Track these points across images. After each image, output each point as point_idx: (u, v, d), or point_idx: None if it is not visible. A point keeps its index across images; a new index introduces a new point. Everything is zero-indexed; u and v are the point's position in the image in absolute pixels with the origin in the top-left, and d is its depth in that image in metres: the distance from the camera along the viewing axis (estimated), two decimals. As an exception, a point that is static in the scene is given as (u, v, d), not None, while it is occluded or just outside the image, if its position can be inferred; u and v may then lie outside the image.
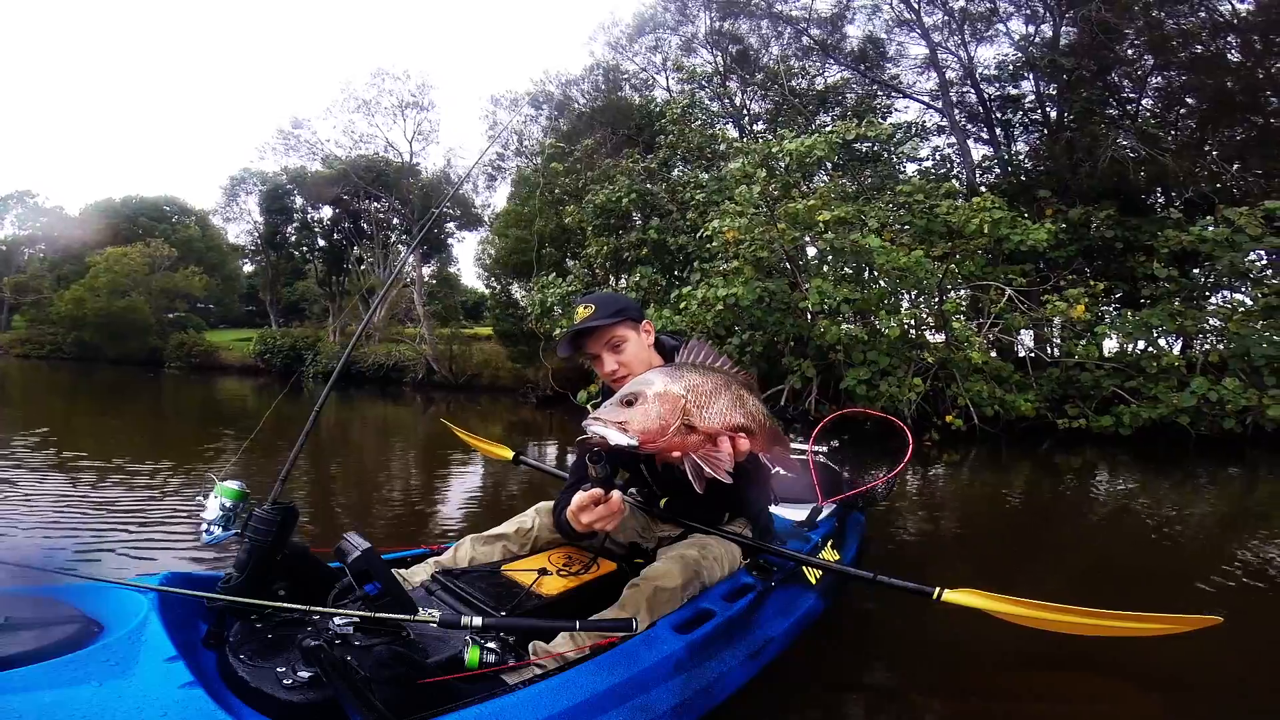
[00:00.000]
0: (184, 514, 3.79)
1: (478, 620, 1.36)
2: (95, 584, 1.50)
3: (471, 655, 1.36)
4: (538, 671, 1.40)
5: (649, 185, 10.67)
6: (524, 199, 13.78)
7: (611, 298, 1.84)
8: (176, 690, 1.13)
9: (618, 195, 10.16)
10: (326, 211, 23.36)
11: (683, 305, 7.88)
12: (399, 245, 22.59)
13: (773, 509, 2.26)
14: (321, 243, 24.19)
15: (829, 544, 2.41)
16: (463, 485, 5.39)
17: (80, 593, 1.46)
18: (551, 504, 2.00)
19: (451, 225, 21.90)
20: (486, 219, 20.36)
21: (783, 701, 1.84)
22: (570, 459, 3.14)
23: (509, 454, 3.23)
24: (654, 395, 1.24)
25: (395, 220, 21.73)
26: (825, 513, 2.63)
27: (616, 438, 1.21)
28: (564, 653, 1.49)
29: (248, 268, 33.41)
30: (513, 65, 54.36)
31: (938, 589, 1.82)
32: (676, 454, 1.28)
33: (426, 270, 22.04)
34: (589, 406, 1.99)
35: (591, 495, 1.43)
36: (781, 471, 1.50)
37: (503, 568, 1.85)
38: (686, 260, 9.70)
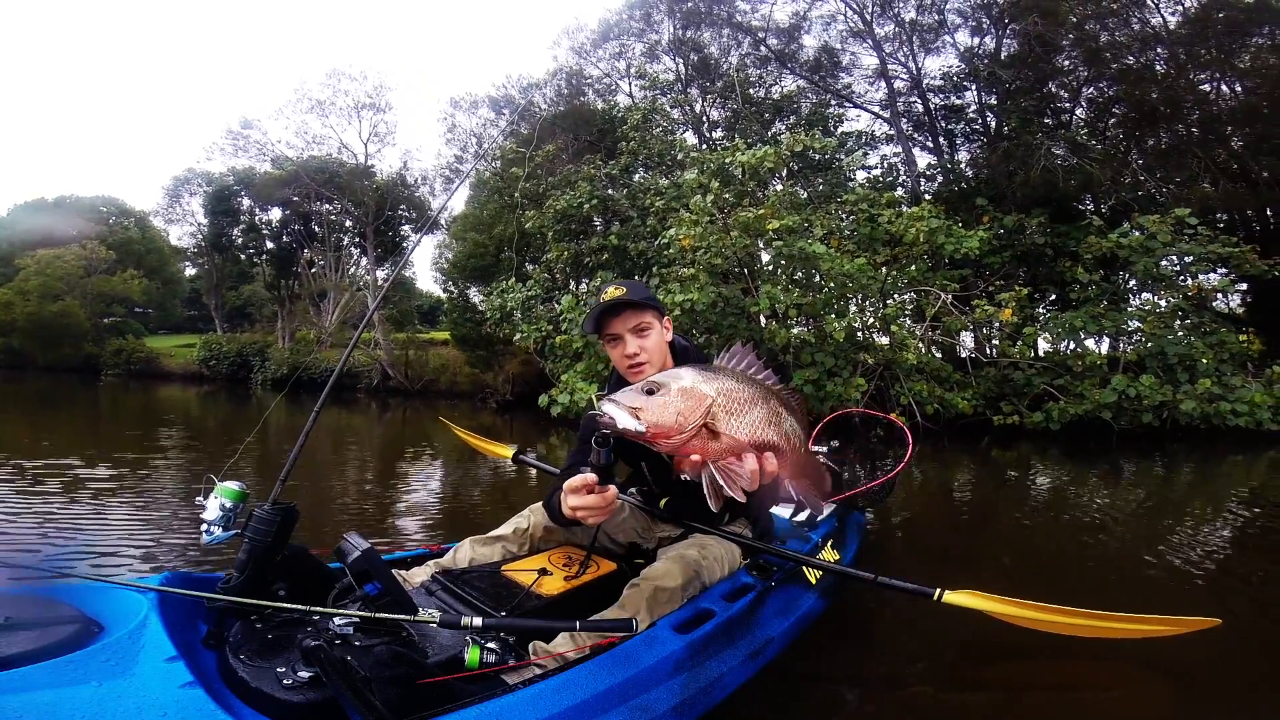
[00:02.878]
0: (162, 517, 3.78)
1: (478, 620, 1.37)
2: (95, 584, 1.50)
3: (471, 655, 1.38)
4: (538, 671, 1.40)
5: (610, 191, 10.79)
6: (483, 203, 13.74)
7: (642, 286, 1.82)
8: (176, 690, 1.13)
9: (579, 201, 10.26)
10: (275, 213, 22.70)
11: (642, 310, 8.02)
12: (351, 248, 22.16)
13: (773, 509, 2.28)
14: (270, 245, 23.47)
15: (829, 544, 2.42)
16: (460, 486, 5.40)
17: (80, 593, 1.46)
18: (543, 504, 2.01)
19: (406, 228, 21.59)
20: (443, 222, 20.19)
21: (783, 701, 1.83)
22: (532, 455, 3.20)
23: (508, 452, 3.17)
24: (678, 390, 1.15)
25: (348, 223, 21.31)
26: (825, 513, 2.64)
27: (626, 421, 1.13)
28: (564, 653, 1.48)
29: (190, 271, 32.14)
30: (474, 67, 53.73)
31: (938, 590, 1.81)
32: (695, 458, 1.19)
33: (380, 274, 21.68)
34: (595, 396, 2.03)
35: (585, 480, 1.35)
36: (801, 502, 1.38)
37: (503, 568, 1.85)
38: (646, 266, 9.86)
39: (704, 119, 14.13)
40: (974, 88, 13.07)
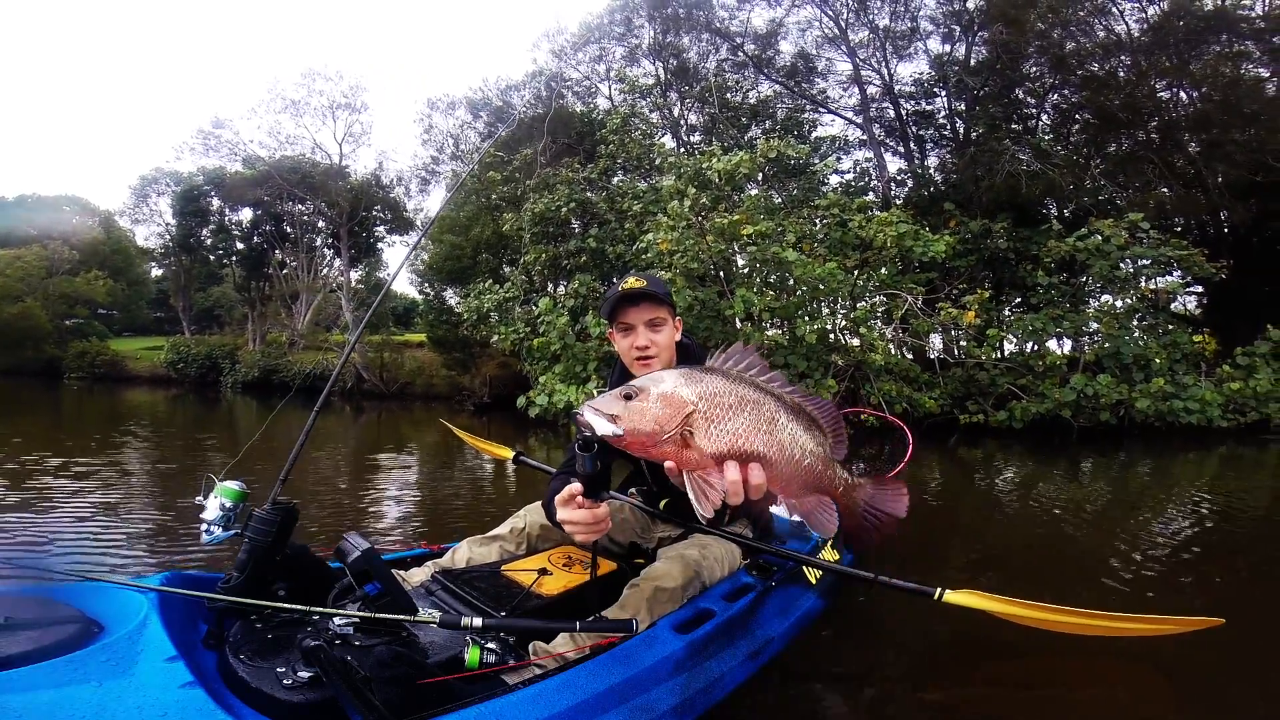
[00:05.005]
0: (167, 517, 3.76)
1: (478, 621, 1.36)
2: (95, 584, 1.50)
3: (471, 655, 1.37)
4: (538, 671, 1.39)
5: (589, 194, 10.84)
6: (460, 205, 13.71)
7: (661, 282, 1.83)
8: (176, 690, 1.13)
9: (557, 204, 10.29)
10: (246, 214, 22.33)
11: (621, 313, 8.11)
12: (324, 249, 21.91)
13: (773, 509, 2.26)
14: (240, 246, 23.06)
15: (829, 544, 2.39)
16: (444, 487, 5.39)
17: (80, 593, 1.46)
18: (540, 504, 2.03)
19: (381, 229, 21.40)
20: (419, 223, 20.05)
21: (783, 701, 1.81)
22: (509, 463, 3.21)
23: (509, 454, 3.14)
24: (657, 395, 1.10)
25: (321, 223, 21.06)
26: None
27: (604, 427, 1.09)
28: (564, 653, 1.47)
29: (156, 271, 31.41)
30: (453, 67, 53.15)
31: (939, 590, 1.79)
32: (671, 466, 1.13)
33: (354, 275, 21.44)
34: (593, 391, 2.03)
35: (571, 491, 1.34)
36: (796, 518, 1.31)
37: (503, 568, 1.84)
38: (624, 268, 9.92)
39: (682, 122, 14.27)
40: (944, 94, 13.38)
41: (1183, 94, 10.84)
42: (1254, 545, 3.65)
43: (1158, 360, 7.96)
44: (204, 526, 1.58)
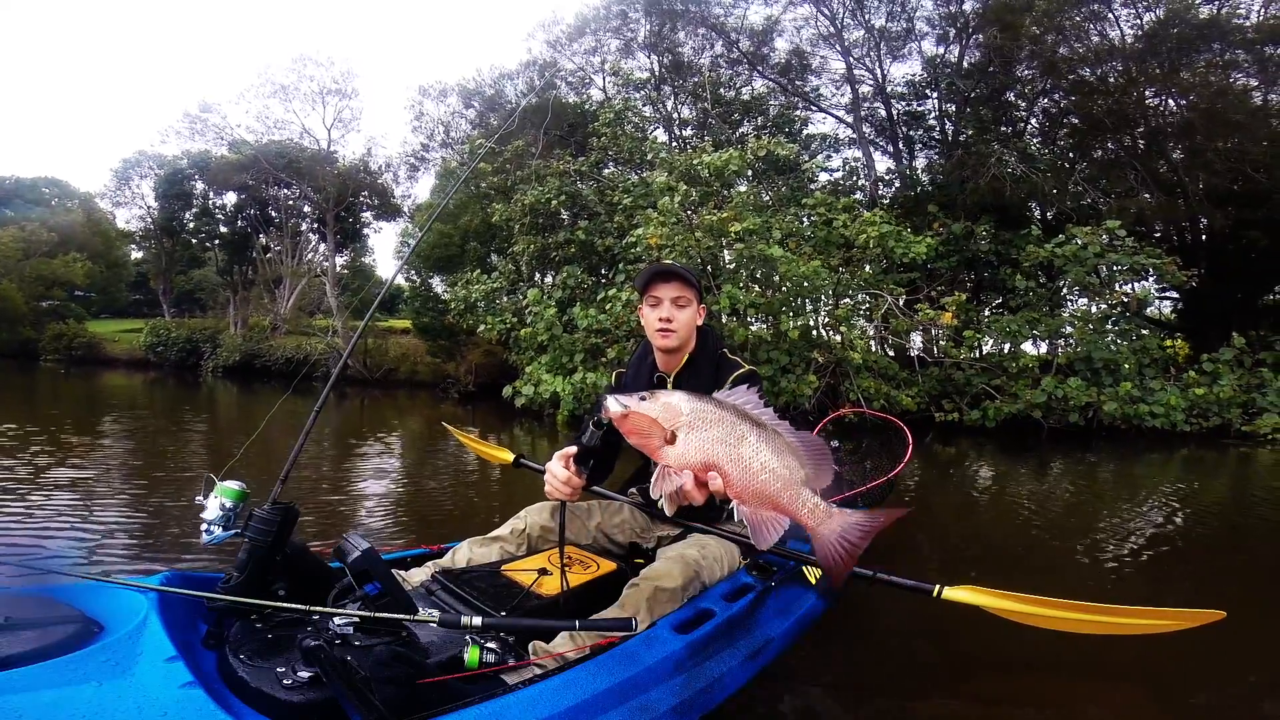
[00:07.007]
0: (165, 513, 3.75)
1: (477, 620, 1.36)
2: (95, 584, 1.51)
3: (471, 655, 1.37)
4: (538, 671, 1.39)
5: (580, 185, 10.81)
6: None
7: (693, 271, 1.98)
8: (176, 690, 1.14)
9: (547, 196, 10.26)
10: (231, 198, 22.03)
11: (608, 306, 8.16)
12: (310, 234, 21.68)
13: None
14: (224, 230, 22.75)
15: None
16: (453, 481, 5.36)
17: (80, 593, 1.47)
18: (541, 505, 2.07)
19: (368, 215, 21.20)
20: (407, 210, 19.89)
21: (783, 702, 1.82)
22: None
23: (510, 457, 3.03)
24: (663, 402, 1.30)
25: (307, 208, 20.82)
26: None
27: (616, 409, 1.31)
28: (564, 653, 1.48)
29: (136, 254, 30.84)
30: (446, 53, 52.27)
31: (937, 586, 1.81)
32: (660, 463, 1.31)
33: (340, 260, 21.23)
34: (615, 376, 2.20)
35: (568, 452, 1.60)
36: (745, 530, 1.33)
37: (503, 568, 1.84)
38: (613, 262, 9.93)
39: (675, 117, 14.24)
40: (935, 95, 13.46)
41: (1170, 101, 10.96)
42: (1218, 544, 3.78)
43: (1126, 365, 8.14)
44: (204, 526, 1.58)
